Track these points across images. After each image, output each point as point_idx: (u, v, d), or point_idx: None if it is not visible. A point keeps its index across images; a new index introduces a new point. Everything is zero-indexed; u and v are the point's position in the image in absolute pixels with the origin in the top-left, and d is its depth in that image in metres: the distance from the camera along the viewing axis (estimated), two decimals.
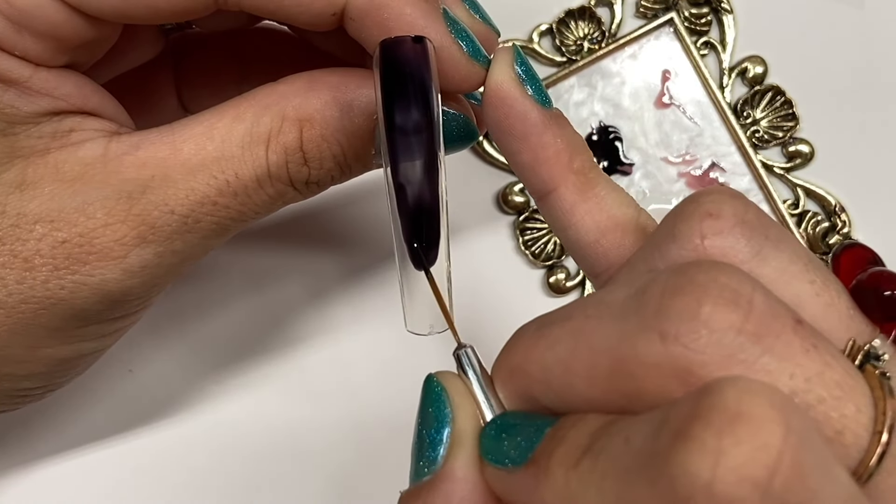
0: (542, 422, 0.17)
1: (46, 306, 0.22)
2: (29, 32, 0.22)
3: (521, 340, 0.18)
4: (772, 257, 0.17)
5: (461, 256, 0.35)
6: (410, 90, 0.20)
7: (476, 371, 0.19)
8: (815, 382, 0.15)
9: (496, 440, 0.17)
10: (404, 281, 0.20)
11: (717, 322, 0.15)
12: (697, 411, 0.13)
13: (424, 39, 0.21)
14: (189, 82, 0.30)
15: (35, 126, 0.23)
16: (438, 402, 0.18)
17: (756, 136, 0.35)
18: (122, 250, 0.22)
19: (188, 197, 0.22)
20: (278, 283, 0.34)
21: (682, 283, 0.15)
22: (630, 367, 0.15)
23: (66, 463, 0.32)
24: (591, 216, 0.21)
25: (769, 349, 0.15)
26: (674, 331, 0.15)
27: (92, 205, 0.22)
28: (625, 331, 0.16)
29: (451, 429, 0.18)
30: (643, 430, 0.14)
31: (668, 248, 0.17)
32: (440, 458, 0.17)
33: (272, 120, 0.23)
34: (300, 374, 0.34)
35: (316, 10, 0.22)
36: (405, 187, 0.20)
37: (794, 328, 0.15)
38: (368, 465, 0.33)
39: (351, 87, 0.23)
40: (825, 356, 0.15)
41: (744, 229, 0.17)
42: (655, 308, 0.15)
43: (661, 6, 0.36)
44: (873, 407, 0.15)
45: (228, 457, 0.33)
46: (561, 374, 0.17)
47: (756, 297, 0.15)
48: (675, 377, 0.15)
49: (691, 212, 0.17)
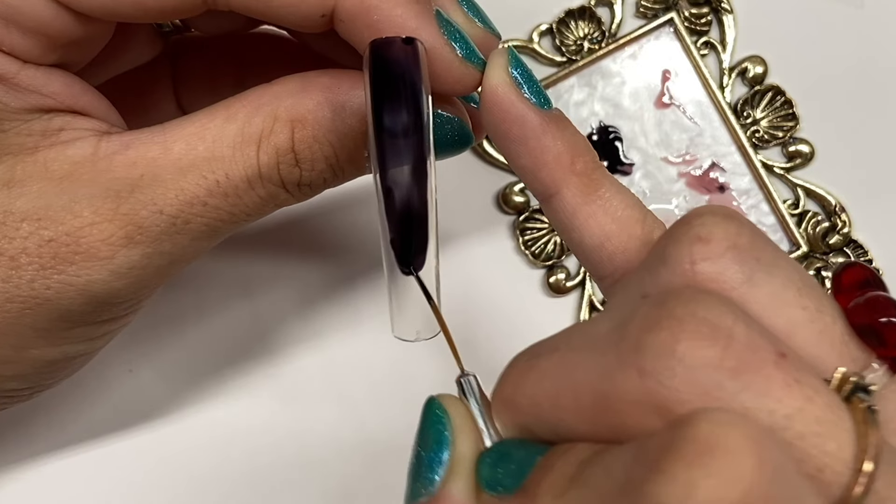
0: (535, 450, 0.17)
1: (32, 306, 0.22)
2: (16, 28, 0.22)
3: (513, 372, 0.18)
4: (764, 283, 0.17)
5: (461, 256, 0.35)
6: (399, 92, 0.20)
7: (477, 398, 0.19)
8: (795, 419, 0.15)
9: (492, 467, 0.17)
10: (392, 286, 0.20)
11: (693, 359, 0.15)
12: (671, 443, 0.13)
13: (415, 40, 0.21)
14: (187, 85, 0.30)
15: (24, 123, 0.23)
16: (439, 424, 0.18)
17: (756, 136, 0.35)
18: (108, 250, 0.22)
19: (177, 197, 0.22)
20: (278, 286, 0.34)
21: (661, 317, 0.15)
22: (612, 403, 0.15)
23: (65, 461, 0.33)
24: (595, 219, 0.21)
25: (748, 385, 0.15)
26: (650, 367, 0.15)
27: (79, 203, 0.22)
28: (606, 366, 0.15)
29: (451, 452, 0.18)
30: (623, 461, 0.14)
31: (659, 273, 0.17)
32: (438, 480, 0.17)
33: (264, 120, 0.22)
34: (301, 374, 0.34)
35: (304, 11, 0.22)
36: (393, 191, 0.19)
37: (775, 362, 0.15)
38: (365, 467, 0.33)
39: (344, 88, 0.23)
40: (807, 391, 0.15)
41: (735, 254, 0.17)
42: (633, 343, 0.15)
43: (661, 6, 0.36)
44: (856, 443, 0.15)
45: (228, 456, 0.33)
46: (549, 408, 0.17)
47: (737, 329, 0.15)
48: (654, 413, 0.15)
49: (682, 235, 0.17)
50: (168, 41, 0.29)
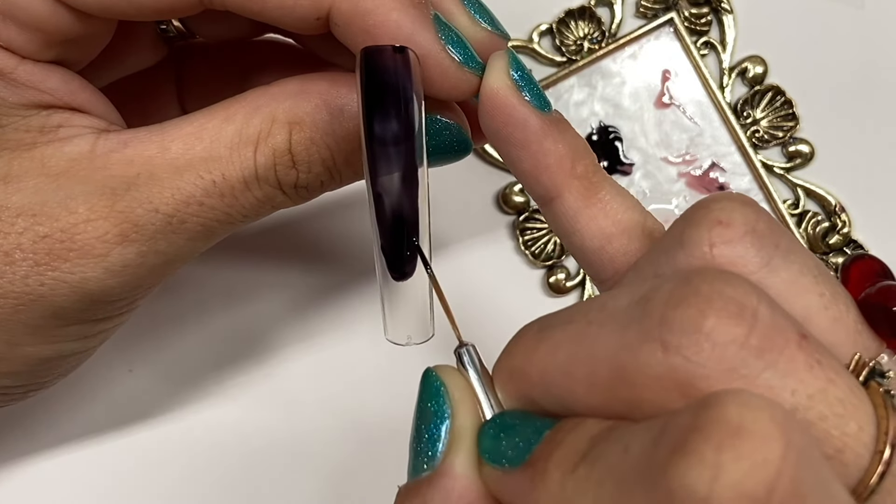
0: (541, 423, 0.17)
1: (25, 302, 0.22)
2: (14, 23, 0.22)
3: (522, 342, 0.18)
4: (782, 268, 0.17)
5: (461, 256, 0.35)
6: (390, 101, 0.19)
7: (477, 369, 0.18)
8: (817, 399, 0.15)
9: (495, 439, 0.17)
10: (384, 291, 0.20)
11: (721, 335, 0.15)
12: (697, 424, 0.13)
13: (406, 49, 0.20)
14: (191, 91, 0.30)
15: (22, 119, 0.23)
16: (438, 396, 0.18)
17: (756, 136, 0.35)
18: (103, 248, 0.22)
19: (173, 196, 0.22)
20: (277, 288, 0.34)
21: (687, 294, 0.15)
22: (631, 377, 0.15)
23: (65, 459, 0.33)
24: (596, 222, 0.21)
25: (772, 364, 0.15)
26: (676, 342, 0.15)
27: (75, 200, 0.22)
28: (627, 339, 0.15)
29: (451, 425, 0.17)
30: (642, 440, 0.14)
31: (676, 255, 0.17)
32: (439, 453, 0.17)
33: (262, 122, 0.22)
34: (299, 375, 0.34)
35: (299, 14, 0.22)
36: (383, 197, 0.19)
37: (798, 343, 0.15)
38: (364, 465, 0.33)
39: (342, 91, 0.23)
40: (829, 373, 0.15)
41: (754, 239, 0.17)
42: (658, 318, 0.15)
43: (661, 6, 0.36)
44: (875, 425, 0.15)
45: (226, 456, 0.33)
46: (561, 380, 0.16)
47: (761, 309, 0.15)
48: (676, 389, 0.15)
49: (701, 218, 0.17)
50: (172, 47, 0.29)
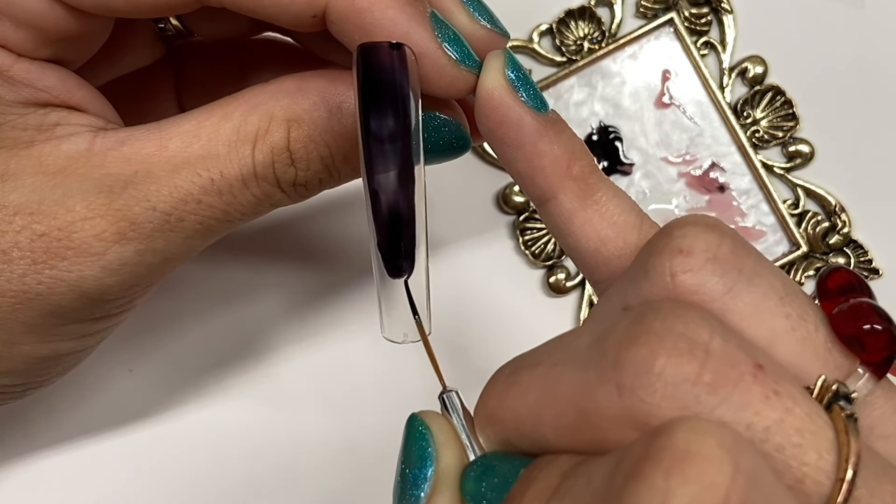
0: (519, 462, 0.17)
1: (23, 301, 0.22)
2: (10, 21, 0.22)
3: (496, 387, 0.18)
4: (745, 293, 0.17)
5: (460, 256, 0.35)
6: (386, 98, 0.19)
7: (459, 414, 0.19)
8: (773, 431, 0.15)
9: (476, 481, 0.17)
10: (381, 289, 0.20)
11: (672, 375, 0.15)
12: (649, 452, 0.13)
13: (403, 46, 0.20)
14: (189, 90, 0.30)
15: (20, 117, 0.23)
16: (422, 441, 0.18)
17: (756, 136, 0.35)
18: (101, 246, 0.22)
19: (171, 194, 0.22)
20: (276, 287, 0.34)
21: (639, 333, 0.15)
22: (592, 419, 0.15)
23: (64, 460, 0.33)
24: (591, 224, 0.21)
25: (726, 399, 0.15)
26: (629, 384, 0.15)
27: (72, 198, 0.22)
28: (585, 381, 0.16)
29: (435, 468, 0.18)
30: (602, 471, 0.14)
31: (641, 285, 0.17)
32: (423, 497, 0.17)
33: (260, 119, 0.22)
34: (299, 375, 0.34)
35: (295, 12, 0.22)
36: (379, 195, 0.19)
37: (753, 374, 0.15)
38: (362, 465, 0.33)
39: (340, 89, 0.23)
40: (786, 402, 0.15)
41: (715, 266, 0.17)
42: (613, 359, 0.15)
43: (661, 6, 0.36)
44: (836, 452, 0.15)
45: (224, 456, 0.33)
46: (531, 423, 0.17)
47: (713, 343, 0.15)
48: (634, 428, 0.15)
49: (663, 247, 0.17)
50: (170, 45, 0.29)
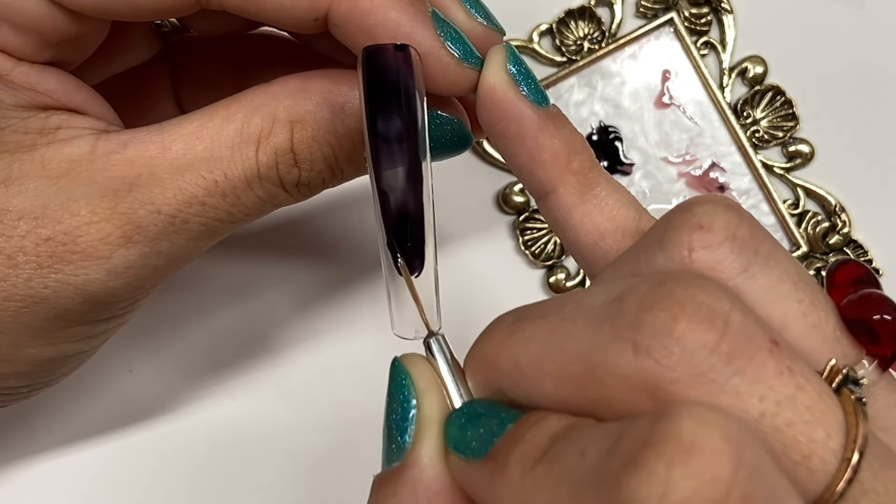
0: (507, 415, 0.17)
1: (29, 305, 0.22)
2: (9, 25, 0.22)
3: (496, 332, 0.18)
4: (760, 275, 0.17)
5: (461, 256, 0.35)
6: (392, 99, 0.19)
7: (447, 358, 0.18)
8: (785, 406, 0.15)
9: (461, 429, 0.17)
10: (391, 286, 0.20)
11: (691, 340, 0.15)
12: (651, 438, 0.13)
13: (407, 47, 0.20)
14: (187, 86, 0.30)
15: (21, 121, 0.23)
16: (403, 387, 0.18)
17: (756, 136, 0.35)
18: (106, 250, 0.22)
19: (175, 196, 0.22)
20: (278, 286, 0.34)
21: (660, 297, 0.15)
22: (600, 375, 0.15)
23: (65, 459, 0.33)
24: (591, 218, 0.21)
25: (741, 370, 0.15)
26: (646, 345, 0.15)
27: (77, 202, 0.22)
28: (599, 338, 0.15)
29: (416, 414, 0.17)
30: (599, 446, 0.14)
31: (655, 256, 0.17)
32: (407, 443, 0.17)
33: (263, 121, 0.22)
34: (300, 375, 0.34)
35: (297, 15, 0.22)
36: (388, 194, 0.19)
37: (769, 350, 0.15)
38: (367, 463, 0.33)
39: (343, 89, 0.23)
40: (799, 379, 0.15)
41: (733, 244, 0.17)
42: (631, 319, 0.15)
43: (661, 6, 0.36)
44: (844, 433, 0.15)
45: (228, 455, 0.33)
46: (531, 373, 0.16)
47: (733, 316, 0.15)
48: (643, 390, 0.15)
49: (682, 221, 0.17)
50: (167, 42, 0.29)
